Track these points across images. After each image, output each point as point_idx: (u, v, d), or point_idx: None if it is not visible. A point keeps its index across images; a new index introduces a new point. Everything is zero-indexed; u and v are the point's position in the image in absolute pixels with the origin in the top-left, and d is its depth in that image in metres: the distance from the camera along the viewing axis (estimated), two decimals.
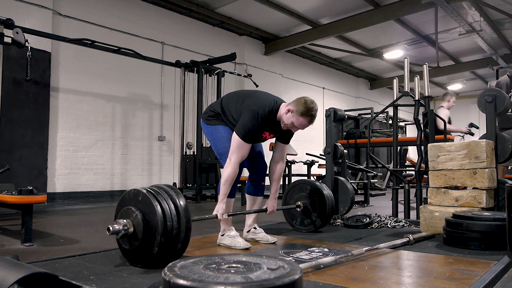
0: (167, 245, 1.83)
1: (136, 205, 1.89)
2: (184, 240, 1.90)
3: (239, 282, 0.93)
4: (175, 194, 1.93)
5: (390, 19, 8.66)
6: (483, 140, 3.00)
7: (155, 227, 1.81)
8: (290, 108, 2.48)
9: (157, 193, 1.89)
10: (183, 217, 1.87)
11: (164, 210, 1.82)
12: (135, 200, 1.91)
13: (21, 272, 0.90)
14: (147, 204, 1.85)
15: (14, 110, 5.83)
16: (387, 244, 2.45)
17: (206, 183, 6.57)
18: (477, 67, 12.60)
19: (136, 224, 1.85)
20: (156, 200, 1.84)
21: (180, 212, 1.87)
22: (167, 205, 1.85)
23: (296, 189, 3.17)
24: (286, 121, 2.51)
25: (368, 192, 6.05)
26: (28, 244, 2.81)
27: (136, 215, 1.86)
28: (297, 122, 2.47)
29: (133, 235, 1.88)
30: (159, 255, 1.83)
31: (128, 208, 1.91)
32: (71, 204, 5.99)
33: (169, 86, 8.02)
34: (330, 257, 2.05)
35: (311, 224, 3.10)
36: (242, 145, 2.47)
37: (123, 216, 1.92)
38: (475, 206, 2.93)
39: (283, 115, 2.53)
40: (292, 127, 2.53)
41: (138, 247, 1.88)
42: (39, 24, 6.09)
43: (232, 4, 8.27)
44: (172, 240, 1.84)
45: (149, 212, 1.83)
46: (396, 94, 4.17)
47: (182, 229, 1.85)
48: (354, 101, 13.95)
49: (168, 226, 1.81)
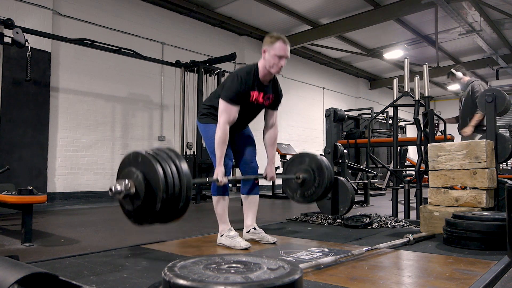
0: (169, 202, 1.85)
1: (137, 166, 1.90)
2: (185, 198, 1.91)
3: (239, 282, 0.93)
4: (175, 155, 1.96)
5: (390, 19, 8.67)
6: (483, 140, 3.00)
7: (156, 184, 1.82)
8: (263, 52, 2.58)
9: (157, 154, 1.92)
10: (183, 176, 1.89)
11: (164, 169, 1.85)
12: (135, 161, 1.93)
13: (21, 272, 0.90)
14: (147, 164, 1.86)
15: (14, 110, 5.84)
16: (387, 244, 2.45)
17: (206, 183, 6.57)
18: (477, 67, 12.60)
19: (137, 183, 1.87)
20: (156, 160, 1.86)
21: (180, 171, 1.89)
22: (167, 164, 1.87)
23: (296, 162, 3.11)
24: (268, 64, 2.58)
25: (368, 192, 6.05)
26: (28, 244, 2.81)
27: (137, 175, 1.87)
28: (275, 52, 2.54)
29: (135, 195, 1.89)
30: (162, 212, 1.85)
31: (129, 169, 1.93)
32: (71, 204, 5.99)
33: (169, 86, 8.02)
34: (330, 257, 2.05)
35: (311, 195, 3.04)
36: (229, 107, 2.54)
37: (124, 177, 1.93)
38: (475, 206, 2.93)
39: (263, 64, 2.61)
40: (277, 62, 2.56)
41: (141, 205, 1.88)
42: (39, 24, 6.09)
43: (232, 4, 8.27)
44: (174, 198, 1.85)
45: (150, 171, 1.84)
46: (396, 94, 4.17)
47: (183, 188, 1.87)
48: (354, 101, 13.96)
49: (169, 184, 1.83)
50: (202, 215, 4.76)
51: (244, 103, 2.62)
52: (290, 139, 10.40)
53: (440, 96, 17.58)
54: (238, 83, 2.55)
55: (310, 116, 11.97)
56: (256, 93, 2.66)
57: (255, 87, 2.63)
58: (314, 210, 4.34)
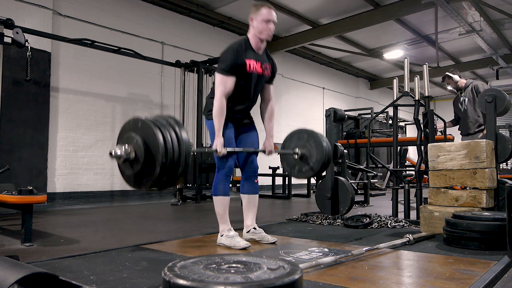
0: (169, 167, 1.85)
1: (136, 131, 1.91)
2: (184, 164, 1.92)
3: (239, 282, 0.93)
4: (175, 122, 1.97)
5: (390, 19, 8.67)
6: (483, 140, 3.00)
7: (155, 148, 1.83)
8: (250, 20, 2.67)
9: (157, 120, 1.94)
10: (182, 142, 1.91)
11: (164, 134, 1.86)
12: (135, 127, 1.94)
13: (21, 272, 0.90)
14: (146, 129, 1.88)
15: (14, 110, 5.83)
16: (387, 244, 2.45)
17: (206, 183, 6.57)
18: (477, 67, 12.61)
19: (137, 148, 1.89)
20: (156, 126, 1.87)
21: (179, 137, 1.91)
22: (167, 130, 1.89)
23: (294, 138, 3.11)
24: (257, 31, 2.65)
25: (368, 192, 6.05)
26: (28, 244, 2.81)
27: (136, 140, 1.88)
28: (262, 18, 2.62)
29: (135, 159, 1.90)
30: (162, 176, 1.86)
31: (129, 134, 1.94)
32: (71, 204, 5.99)
33: (169, 86, 8.02)
34: (330, 257, 2.05)
35: (310, 170, 3.03)
36: (224, 79, 2.58)
37: (124, 142, 1.94)
38: (475, 206, 2.93)
39: (253, 33, 2.68)
40: (265, 28, 2.64)
41: (140, 169, 1.89)
42: (39, 24, 6.09)
43: (232, 4, 8.28)
44: (173, 163, 1.86)
45: (149, 135, 1.86)
46: (396, 94, 4.17)
47: (182, 153, 1.88)
48: (354, 101, 13.96)
49: (169, 149, 1.84)
50: (202, 215, 4.76)
51: (242, 74, 2.63)
52: None
53: (440, 96, 17.57)
54: (232, 53, 2.60)
55: (310, 116, 11.97)
56: (253, 62, 2.67)
57: (250, 56, 2.67)
58: (314, 210, 4.34)
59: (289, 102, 11.00)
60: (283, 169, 3.23)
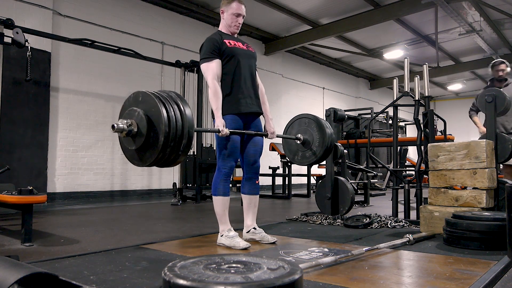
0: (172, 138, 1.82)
1: (137, 105, 1.90)
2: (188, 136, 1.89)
3: (239, 282, 0.93)
4: (176, 96, 1.95)
5: (390, 19, 8.67)
6: (483, 140, 3.00)
7: (158, 119, 1.81)
8: (221, 13, 2.83)
9: (157, 93, 1.92)
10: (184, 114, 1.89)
11: (166, 106, 1.84)
12: (136, 101, 1.93)
13: (21, 272, 0.90)
14: (148, 101, 1.86)
15: (14, 110, 5.83)
16: (387, 244, 2.45)
17: (206, 183, 6.57)
18: (477, 67, 12.60)
19: (139, 121, 1.86)
20: (156, 97, 1.86)
21: (181, 109, 1.89)
22: (169, 102, 1.87)
23: (295, 124, 3.09)
24: (227, 23, 2.80)
25: (368, 192, 6.05)
26: (28, 244, 2.81)
27: (138, 113, 1.86)
28: (232, 11, 2.76)
29: (138, 132, 1.87)
30: (165, 148, 1.82)
31: (130, 109, 1.91)
32: (71, 204, 5.99)
33: (169, 86, 8.01)
34: (330, 257, 2.05)
35: (313, 156, 3.01)
36: (209, 64, 2.69)
37: (126, 117, 1.91)
38: (475, 206, 2.93)
39: (223, 24, 2.83)
40: (234, 21, 2.78)
41: (144, 143, 1.86)
42: (39, 24, 6.09)
43: None
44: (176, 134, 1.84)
45: (151, 108, 1.84)
46: (396, 94, 4.17)
47: (185, 125, 1.87)
48: (354, 101, 13.96)
49: (171, 118, 1.82)
50: (202, 215, 4.76)
51: (227, 54, 2.71)
52: None
53: (440, 96, 17.58)
54: (208, 42, 2.73)
55: None
56: (232, 41, 2.77)
57: (227, 38, 2.78)
58: (314, 210, 4.34)
59: (289, 102, 11.00)
60: (285, 153, 3.19)
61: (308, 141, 2.97)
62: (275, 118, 10.27)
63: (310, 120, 2.99)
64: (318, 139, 2.94)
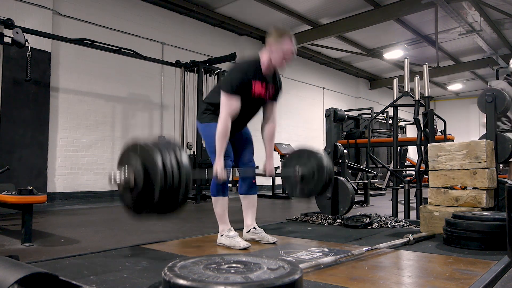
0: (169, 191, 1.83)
1: (136, 154, 1.90)
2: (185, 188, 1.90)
3: (239, 282, 0.93)
4: (174, 145, 1.96)
5: (390, 19, 8.66)
6: (483, 140, 3.00)
7: (154, 172, 1.80)
8: (269, 45, 2.56)
9: (155, 143, 1.92)
10: (182, 166, 1.88)
11: (163, 157, 1.83)
12: (134, 151, 1.93)
13: (21, 272, 0.90)
14: (145, 153, 1.86)
15: (14, 110, 5.83)
16: (387, 244, 2.45)
17: (206, 183, 6.57)
18: (477, 67, 12.61)
19: (136, 173, 1.86)
20: (154, 149, 1.85)
21: (179, 160, 1.89)
22: (168, 154, 1.87)
23: (295, 158, 3.11)
24: (275, 59, 2.56)
25: (368, 192, 6.05)
26: (28, 244, 2.81)
27: (135, 165, 1.86)
28: (283, 48, 2.53)
29: (134, 185, 1.87)
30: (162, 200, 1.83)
31: (127, 160, 1.92)
32: (71, 204, 5.99)
33: (169, 86, 8.02)
34: (330, 257, 2.05)
35: (310, 191, 3.03)
36: (230, 98, 2.51)
37: (124, 165, 1.91)
38: (475, 206, 2.93)
39: (268, 57, 2.58)
40: (285, 59, 2.57)
41: (140, 195, 1.87)
42: (39, 24, 6.09)
43: (232, 4, 8.27)
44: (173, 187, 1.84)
45: (148, 160, 1.84)
46: (396, 94, 4.17)
47: (183, 177, 1.85)
48: (354, 101, 13.95)
49: (168, 172, 1.81)
50: (202, 215, 4.76)
51: (246, 95, 2.58)
52: (290, 139, 10.39)
53: (440, 96, 17.57)
54: (240, 72, 2.55)
55: (310, 116, 11.97)
56: (258, 84, 2.62)
57: (257, 77, 2.61)
58: (314, 210, 4.34)
59: (289, 102, 10.99)
60: (284, 187, 3.23)
61: (306, 176, 3.00)
62: None
63: (309, 154, 3.01)
64: (316, 176, 2.97)
